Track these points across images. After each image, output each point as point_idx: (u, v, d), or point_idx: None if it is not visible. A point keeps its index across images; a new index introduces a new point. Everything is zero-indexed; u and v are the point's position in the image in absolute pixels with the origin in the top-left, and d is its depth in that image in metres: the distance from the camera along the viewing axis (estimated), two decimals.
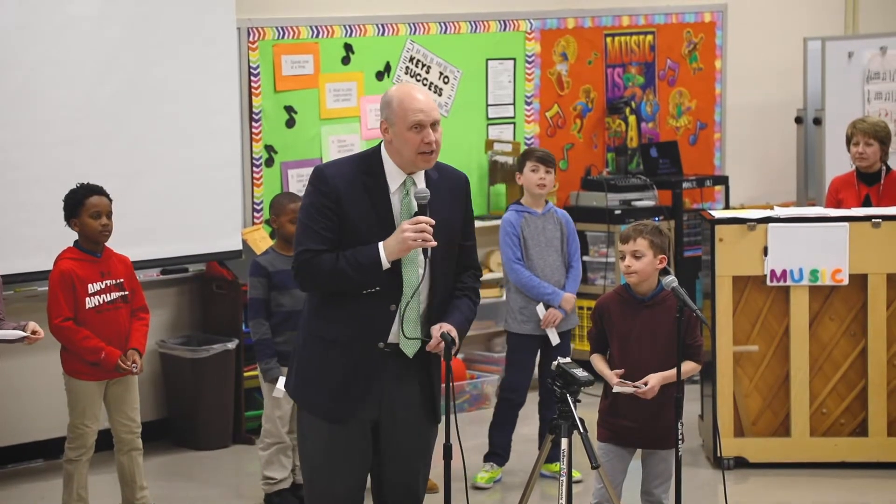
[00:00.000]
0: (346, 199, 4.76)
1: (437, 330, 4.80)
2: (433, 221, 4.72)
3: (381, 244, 4.71)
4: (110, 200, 6.55)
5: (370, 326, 4.79)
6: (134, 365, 6.48)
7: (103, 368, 6.47)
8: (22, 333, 6.14)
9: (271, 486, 7.00)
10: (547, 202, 7.44)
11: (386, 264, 4.72)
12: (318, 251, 4.75)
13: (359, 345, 4.80)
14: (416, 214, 4.76)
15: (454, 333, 4.81)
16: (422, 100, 4.81)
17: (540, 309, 7.26)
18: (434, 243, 4.71)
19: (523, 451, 7.56)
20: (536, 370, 7.53)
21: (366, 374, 4.81)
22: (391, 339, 4.83)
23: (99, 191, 6.54)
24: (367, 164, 4.83)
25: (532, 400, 7.51)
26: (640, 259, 5.70)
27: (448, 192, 4.91)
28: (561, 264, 7.37)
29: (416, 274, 4.79)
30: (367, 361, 4.81)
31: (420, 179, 4.85)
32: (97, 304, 6.50)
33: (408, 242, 4.68)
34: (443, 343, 4.78)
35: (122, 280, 6.59)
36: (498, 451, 7.40)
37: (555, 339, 7.29)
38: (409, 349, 4.85)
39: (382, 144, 4.88)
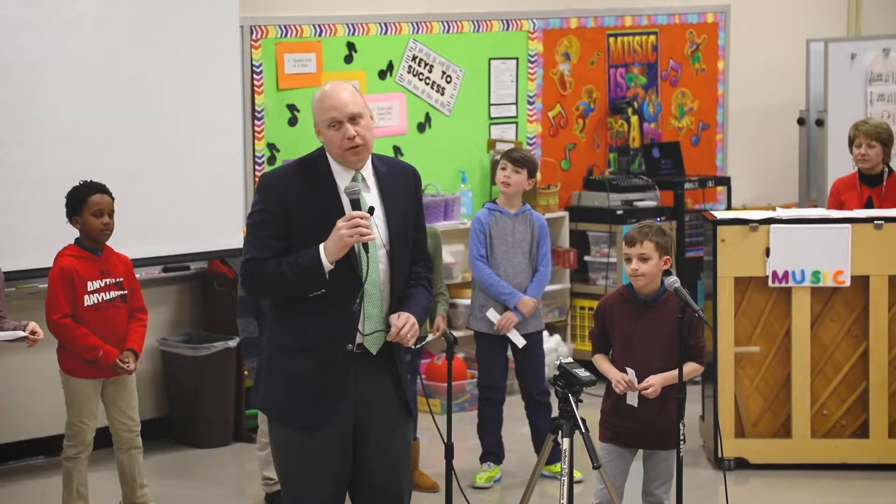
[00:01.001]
0: (293, 204, 4.70)
1: (395, 319, 4.70)
2: (367, 215, 4.64)
3: (321, 245, 4.64)
4: (113, 199, 6.55)
5: (335, 329, 4.71)
6: (128, 363, 6.47)
7: (100, 367, 6.47)
8: (21, 333, 6.14)
9: (270, 486, 6.99)
10: (524, 204, 7.41)
11: (328, 265, 4.63)
12: (263, 259, 4.69)
13: (327, 349, 4.71)
14: (368, 210, 4.67)
15: (411, 320, 4.68)
16: (334, 96, 4.72)
17: (491, 314, 7.24)
18: (373, 237, 4.64)
19: (522, 451, 7.56)
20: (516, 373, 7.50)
21: (337, 377, 4.72)
22: (358, 339, 4.73)
23: (101, 189, 6.53)
24: (313, 167, 4.78)
25: (520, 403, 7.48)
26: (646, 262, 5.69)
27: (399, 186, 4.85)
28: (527, 266, 7.33)
29: (366, 269, 4.68)
30: (337, 365, 4.72)
31: (369, 174, 4.79)
32: (96, 302, 6.49)
33: (344, 240, 4.60)
34: (403, 329, 4.66)
35: (121, 279, 6.58)
36: (492, 450, 7.37)
37: (519, 342, 7.25)
38: (373, 346, 4.76)
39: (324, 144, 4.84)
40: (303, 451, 4.75)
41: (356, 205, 4.68)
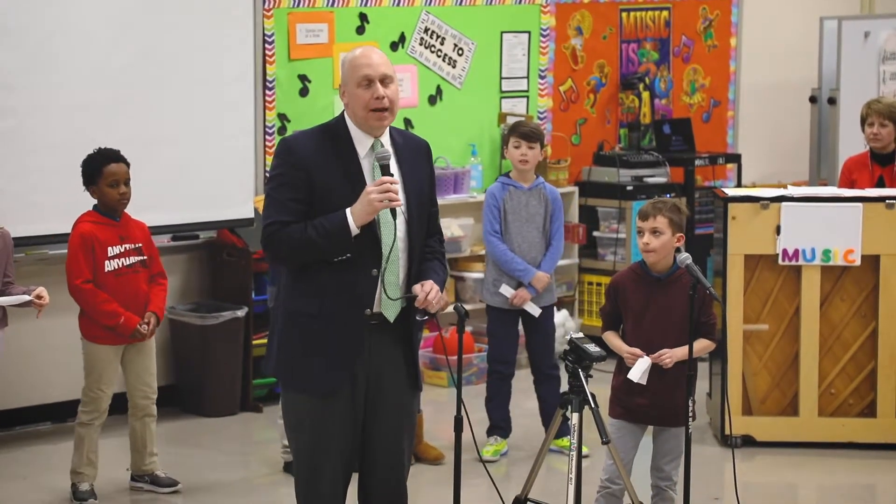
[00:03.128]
0: (314, 168, 4.68)
1: (418, 289, 4.70)
2: (397, 180, 4.65)
3: (348, 210, 4.63)
4: (128, 165, 6.54)
5: (354, 294, 4.69)
6: (145, 326, 6.49)
7: (120, 333, 6.47)
8: (27, 297, 6.14)
9: (290, 455, 6.98)
10: (537, 177, 7.40)
11: (354, 230, 4.62)
12: (286, 222, 4.67)
13: (343, 315, 4.69)
14: (383, 174, 4.68)
15: (435, 287, 4.70)
16: (368, 55, 4.72)
17: (505, 289, 7.24)
18: (401, 202, 4.64)
19: (528, 425, 7.57)
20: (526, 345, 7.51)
21: (352, 344, 4.71)
22: (376, 306, 4.72)
23: (116, 157, 6.52)
24: (334, 132, 4.76)
25: (527, 377, 7.48)
26: (658, 237, 5.68)
27: (414, 157, 4.85)
28: (541, 241, 7.32)
29: (391, 235, 4.69)
30: (353, 331, 4.70)
31: (387, 142, 4.78)
32: (116, 267, 6.50)
33: (374, 204, 4.60)
34: (430, 295, 4.68)
35: (140, 245, 6.59)
36: (499, 424, 7.38)
37: (535, 311, 7.26)
38: (391, 312, 4.75)
39: (345, 110, 4.81)
40: (315, 417, 4.73)
41: (385, 170, 4.67)
